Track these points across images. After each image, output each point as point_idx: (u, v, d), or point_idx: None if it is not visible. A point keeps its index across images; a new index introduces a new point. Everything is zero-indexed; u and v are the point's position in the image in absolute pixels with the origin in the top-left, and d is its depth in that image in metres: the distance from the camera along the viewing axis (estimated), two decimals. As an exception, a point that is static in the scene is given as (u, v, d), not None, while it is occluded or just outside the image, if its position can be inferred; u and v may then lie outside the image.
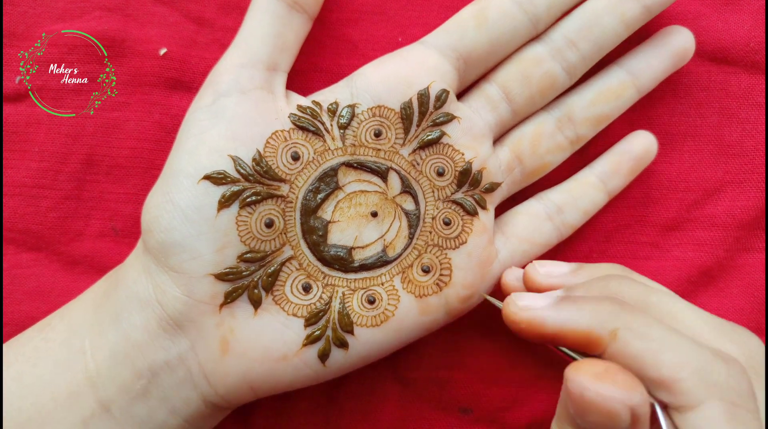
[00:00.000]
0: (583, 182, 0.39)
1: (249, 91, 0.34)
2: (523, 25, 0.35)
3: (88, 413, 0.32)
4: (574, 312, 0.29)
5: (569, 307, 0.29)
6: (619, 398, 0.24)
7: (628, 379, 0.25)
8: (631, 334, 0.27)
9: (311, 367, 0.34)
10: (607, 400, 0.24)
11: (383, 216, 0.35)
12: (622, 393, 0.24)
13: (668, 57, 0.38)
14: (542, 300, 0.30)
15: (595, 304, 0.28)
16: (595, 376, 0.25)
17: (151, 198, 0.33)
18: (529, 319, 0.30)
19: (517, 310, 0.30)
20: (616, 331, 0.27)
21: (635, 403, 0.24)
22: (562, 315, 0.29)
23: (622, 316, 0.27)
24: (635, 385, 0.25)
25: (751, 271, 0.41)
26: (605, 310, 0.28)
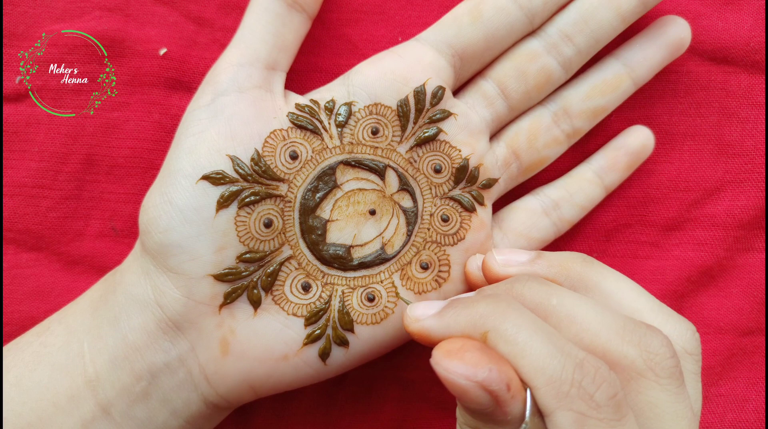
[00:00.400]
0: (579, 178, 0.39)
1: (247, 90, 0.34)
2: (519, 21, 0.35)
3: (89, 417, 0.32)
4: (452, 318, 0.28)
5: (449, 313, 0.29)
6: (463, 374, 0.24)
7: (476, 355, 0.25)
8: (497, 337, 0.26)
9: (312, 366, 0.34)
10: (452, 375, 0.25)
11: (381, 214, 0.35)
12: (466, 369, 0.24)
13: (664, 47, 0.38)
14: (431, 309, 0.30)
15: (472, 307, 0.28)
16: (447, 352, 0.25)
17: (149, 198, 0.33)
18: (419, 330, 0.29)
19: (409, 322, 0.30)
20: (486, 333, 0.27)
21: (481, 379, 0.24)
22: (443, 322, 0.29)
23: (492, 318, 0.27)
24: (484, 361, 0.25)
25: (751, 270, 0.41)
26: (479, 313, 0.27)
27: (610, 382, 0.25)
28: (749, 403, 0.41)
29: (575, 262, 0.32)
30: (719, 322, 0.41)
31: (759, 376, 0.41)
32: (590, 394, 0.25)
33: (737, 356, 0.41)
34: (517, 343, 0.26)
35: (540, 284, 0.29)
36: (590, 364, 0.25)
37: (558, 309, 0.28)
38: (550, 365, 0.25)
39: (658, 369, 0.27)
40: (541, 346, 0.26)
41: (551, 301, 0.28)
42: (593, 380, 0.25)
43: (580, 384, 0.25)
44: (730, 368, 0.41)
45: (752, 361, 0.41)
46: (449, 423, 0.40)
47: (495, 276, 0.33)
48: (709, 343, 0.41)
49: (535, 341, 0.26)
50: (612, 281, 0.31)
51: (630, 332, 0.27)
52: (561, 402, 0.25)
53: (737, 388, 0.41)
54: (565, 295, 0.29)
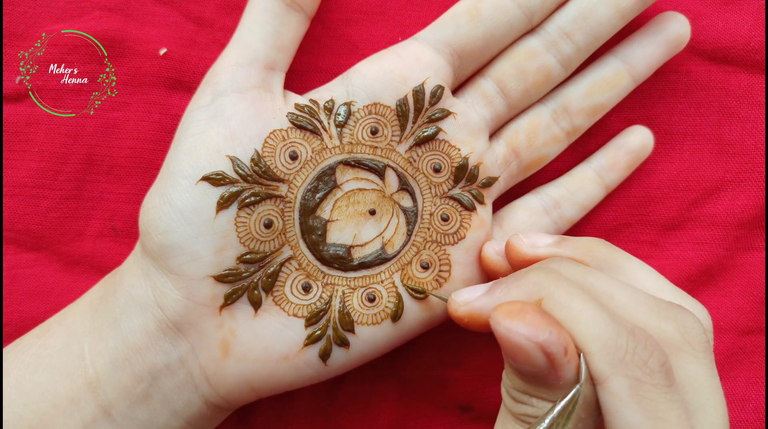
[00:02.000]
0: (580, 177, 0.39)
1: (246, 90, 0.34)
2: (518, 19, 0.35)
3: (90, 418, 0.32)
4: (503, 293, 0.29)
5: (499, 290, 0.29)
6: (525, 334, 0.25)
7: (537, 317, 0.25)
8: (552, 303, 0.27)
9: (312, 367, 0.34)
10: (513, 335, 0.25)
11: (381, 214, 0.35)
12: (527, 329, 0.25)
13: (664, 44, 0.38)
14: (477, 291, 0.30)
15: (522, 278, 0.29)
16: (507, 313, 0.26)
17: (149, 199, 0.33)
18: (470, 312, 0.30)
19: (457, 306, 0.31)
20: (540, 301, 0.27)
21: (542, 340, 0.25)
22: (494, 299, 0.29)
23: (545, 285, 0.27)
24: (544, 324, 0.25)
25: (751, 270, 0.41)
26: (530, 282, 0.28)
27: (660, 350, 0.26)
28: (749, 402, 0.41)
29: (600, 246, 0.32)
30: (719, 321, 0.41)
31: (759, 375, 0.41)
32: (644, 361, 0.25)
33: (737, 355, 0.41)
34: (572, 308, 0.26)
35: (575, 265, 0.30)
36: (641, 333, 0.26)
37: (596, 286, 0.28)
38: (605, 332, 0.25)
39: (695, 343, 0.27)
40: (596, 313, 0.26)
41: (588, 279, 0.29)
42: (645, 347, 0.25)
43: (634, 351, 0.25)
44: (729, 367, 0.41)
45: (752, 360, 0.41)
46: (449, 422, 0.40)
47: (522, 257, 0.33)
48: (709, 343, 0.41)
49: (590, 308, 0.26)
50: (635, 265, 0.31)
51: (665, 309, 0.28)
52: (616, 368, 0.25)
53: (737, 387, 0.41)
54: (600, 275, 0.29)
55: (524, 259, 0.33)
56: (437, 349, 0.41)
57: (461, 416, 0.40)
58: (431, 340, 0.40)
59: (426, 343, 0.40)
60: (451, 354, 0.41)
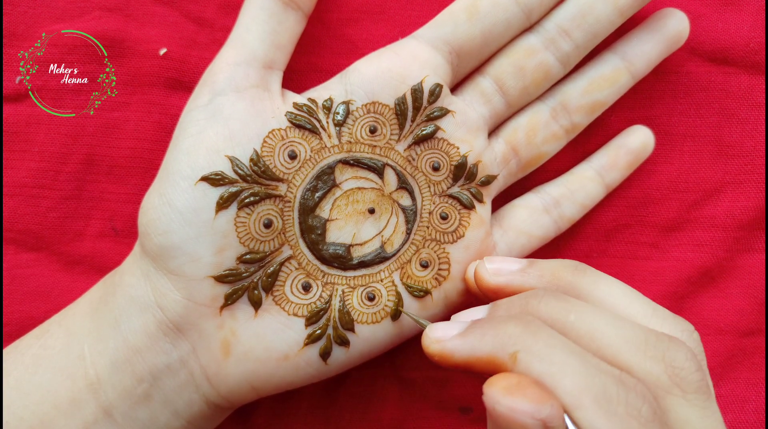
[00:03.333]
0: (580, 176, 0.39)
1: (245, 90, 0.33)
2: (516, 16, 0.35)
3: (91, 419, 0.32)
4: (477, 339, 0.28)
5: (474, 333, 0.28)
6: (529, 412, 0.23)
7: (538, 392, 0.24)
8: (530, 357, 0.26)
9: (313, 366, 0.34)
10: (517, 413, 0.24)
11: (380, 212, 0.35)
12: (531, 406, 0.23)
13: (663, 41, 0.38)
14: (452, 329, 0.29)
15: (498, 326, 0.27)
16: (506, 389, 0.24)
17: (148, 200, 0.33)
18: (441, 351, 0.29)
19: (429, 343, 0.30)
20: (516, 354, 0.26)
21: (545, 416, 0.23)
22: (467, 343, 0.28)
23: (522, 337, 0.26)
24: (546, 397, 0.24)
25: (751, 271, 0.41)
26: (506, 333, 0.27)
27: (650, 396, 0.25)
28: (749, 403, 0.41)
29: (566, 270, 0.31)
30: (719, 323, 0.41)
31: (759, 376, 0.41)
32: (638, 410, 0.24)
33: (737, 357, 0.41)
34: (553, 362, 0.25)
35: (557, 300, 0.29)
36: (629, 380, 0.25)
37: (576, 325, 0.27)
38: (594, 383, 0.24)
39: (685, 384, 0.26)
40: (579, 364, 0.25)
41: (569, 318, 0.28)
42: (636, 395, 0.24)
43: (626, 401, 0.24)
44: (730, 369, 0.41)
45: (752, 361, 0.41)
46: (449, 423, 0.40)
47: (486, 285, 0.33)
48: (709, 344, 0.40)
49: (573, 360, 0.25)
50: (604, 287, 0.30)
51: (652, 347, 0.26)
52: (611, 420, 0.24)
53: (737, 388, 0.41)
54: (583, 310, 0.28)
55: (488, 288, 0.33)
56: (437, 350, 0.40)
57: (461, 417, 0.40)
58: (431, 341, 0.40)
59: (426, 343, 0.40)
60: (451, 354, 0.40)
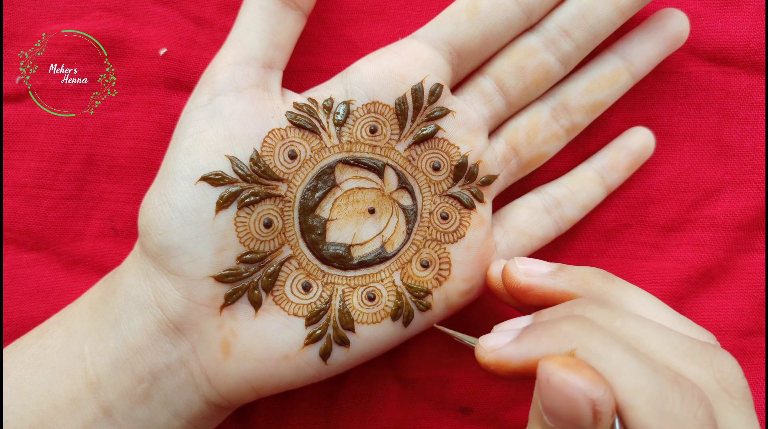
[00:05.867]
0: (581, 177, 0.39)
1: (245, 89, 0.33)
2: (516, 16, 0.35)
3: (90, 419, 0.32)
4: (533, 342, 0.28)
5: (528, 338, 0.28)
6: (582, 388, 0.23)
7: (594, 374, 0.24)
8: (587, 354, 0.26)
9: (313, 366, 0.34)
10: (569, 387, 0.24)
11: (381, 212, 0.35)
12: (585, 383, 0.24)
13: (663, 41, 0.38)
14: (505, 337, 0.29)
15: (552, 327, 0.27)
16: (563, 364, 0.24)
17: (148, 200, 0.33)
18: (497, 360, 0.29)
19: (484, 353, 0.29)
20: (573, 351, 0.26)
21: (597, 397, 0.23)
22: (523, 348, 0.28)
23: (578, 335, 0.26)
24: (601, 382, 0.24)
25: (751, 271, 0.41)
26: (562, 333, 0.27)
27: (706, 399, 0.24)
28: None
29: (596, 277, 0.31)
30: (719, 323, 0.41)
31: (759, 376, 0.41)
32: (693, 413, 0.24)
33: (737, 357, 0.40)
34: (610, 360, 0.25)
35: (601, 307, 0.29)
36: (685, 382, 0.25)
37: (623, 330, 0.27)
38: (650, 383, 0.24)
39: (732, 390, 0.26)
40: (637, 364, 0.25)
41: (615, 324, 0.28)
42: (693, 398, 0.24)
43: (681, 403, 0.24)
44: (730, 369, 0.41)
45: (752, 362, 0.41)
46: (449, 423, 0.40)
47: (515, 284, 0.33)
48: (709, 344, 0.41)
49: (630, 359, 0.25)
50: (633, 296, 0.30)
51: (699, 353, 0.26)
52: (665, 422, 0.24)
53: (737, 388, 0.41)
54: (628, 317, 0.28)
55: (518, 288, 0.33)
56: (437, 350, 0.40)
57: (461, 417, 0.40)
58: (431, 341, 0.40)
59: (426, 343, 0.40)
60: (452, 355, 0.41)
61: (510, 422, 0.40)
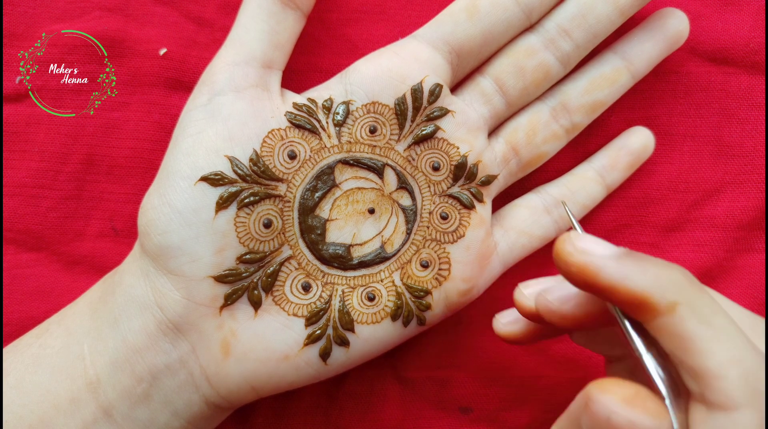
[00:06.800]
0: (581, 176, 0.39)
1: (244, 90, 0.33)
2: (516, 16, 0.35)
3: (90, 419, 0.32)
4: (635, 270, 0.25)
5: (632, 263, 0.26)
6: (650, 426, 0.23)
7: (658, 407, 0.23)
8: (690, 313, 0.24)
9: (313, 366, 0.34)
10: (636, 427, 0.23)
11: (380, 212, 0.35)
12: (653, 422, 0.23)
13: (662, 40, 0.38)
14: (604, 248, 0.26)
15: (662, 268, 0.25)
16: (625, 400, 0.23)
17: (148, 200, 0.33)
18: (585, 263, 0.26)
19: (573, 250, 0.26)
20: (676, 304, 0.24)
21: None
22: (622, 269, 0.25)
23: (687, 290, 0.25)
24: (664, 413, 0.23)
25: (751, 271, 0.41)
26: (670, 279, 0.25)
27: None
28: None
29: None
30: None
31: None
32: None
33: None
34: (713, 325, 0.24)
35: None
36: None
37: None
38: (747, 357, 0.23)
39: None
40: (736, 335, 0.24)
41: None
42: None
43: None
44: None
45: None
46: (449, 423, 0.40)
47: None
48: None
49: (731, 329, 0.24)
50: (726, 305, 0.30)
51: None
52: (752, 399, 0.23)
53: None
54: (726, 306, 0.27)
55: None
56: (437, 350, 0.40)
57: (461, 417, 0.40)
58: (431, 341, 0.40)
59: (426, 343, 0.40)
60: (452, 354, 0.41)
61: (510, 422, 0.40)
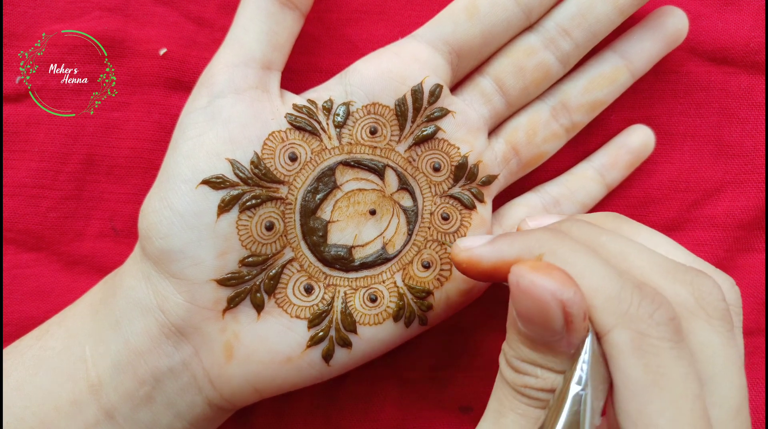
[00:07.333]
0: (580, 175, 0.39)
1: (244, 91, 0.33)
2: (516, 16, 0.35)
3: (92, 421, 0.32)
4: (505, 245, 0.28)
5: (502, 241, 0.29)
6: (551, 289, 0.24)
7: (564, 276, 0.25)
8: (554, 259, 0.26)
9: (315, 368, 0.34)
10: (538, 288, 0.24)
11: (382, 213, 0.35)
12: (554, 284, 0.24)
13: (662, 39, 0.38)
14: (481, 240, 0.30)
15: (527, 234, 0.28)
16: (533, 267, 0.25)
17: (148, 203, 0.33)
18: (469, 257, 0.29)
19: (458, 251, 0.30)
20: (541, 256, 0.27)
21: (566, 298, 0.24)
22: (495, 249, 0.29)
23: (548, 242, 0.27)
24: (570, 283, 0.24)
25: (751, 271, 0.41)
26: (534, 238, 0.28)
27: (668, 306, 0.25)
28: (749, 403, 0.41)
29: (607, 219, 0.31)
30: (719, 322, 0.41)
31: (759, 376, 0.41)
32: (649, 314, 0.24)
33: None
34: (576, 264, 0.26)
35: (588, 225, 0.29)
36: (648, 289, 0.25)
37: (607, 245, 0.28)
38: (609, 285, 0.25)
39: (710, 309, 0.26)
40: (600, 268, 0.25)
41: (600, 239, 0.28)
42: (652, 301, 0.25)
43: (639, 303, 0.24)
44: (729, 368, 0.41)
45: (752, 361, 0.41)
46: (449, 423, 0.40)
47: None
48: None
49: (594, 264, 0.26)
50: (646, 236, 0.30)
51: (682, 273, 0.27)
52: (619, 319, 0.24)
53: (736, 387, 0.41)
54: (614, 236, 0.28)
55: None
56: (437, 349, 0.41)
57: (461, 417, 0.40)
58: (431, 340, 0.40)
59: (426, 343, 0.40)
60: (451, 354, 0.41)
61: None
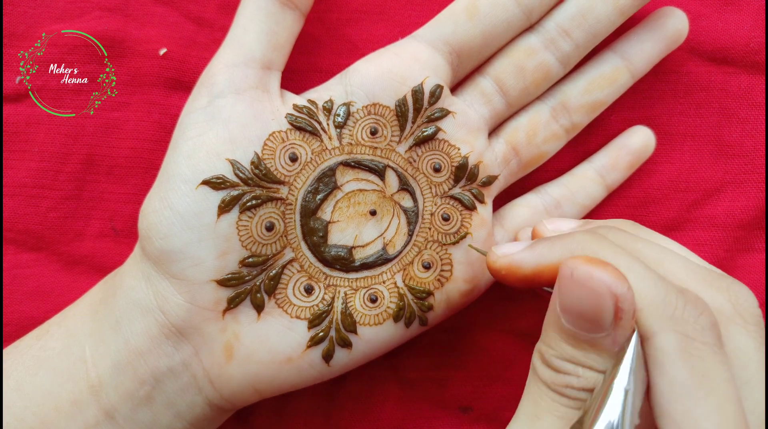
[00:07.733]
0: (581, 176, 0.39)
1: (244, 91, 0.33)
2: (516, 17, 0.35)
3: (92, 421, 0.32)
4: (545, 249, 0.29)
5: (542, 246, 0.29)
6: (607, 281, 0.24)
7: (618, 272, 0.25)
8: None
9: (315, 368, 0.34)
10: (594, 280, 0.24)
11: (382, 214, 0.35)
12: (610, 278, 0.24)
13: (662, 40, 0.38)
14: (519, 246, 0.30)
15: (567, 238, 0.28)
16: (587, 260, 0.25)
17: (148, 203, 0.33)
18: (508, 264, 0.29)
19: (496, 258, 0.30)
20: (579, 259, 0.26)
21: (620, 292, 0.24)
22: (535, 254, 0.29)
23: (590, 245, 0.27)
24: (624, 279, 0.24)
25: (751, 271, 0.41)
26: (575, 241, 0.28)
27: (710, 311, 0.25)
28: (748, 403, 0.41)
29: (625, 225, 0.32)
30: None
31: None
32: (694, 318, 0.24)
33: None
34: (619, 267, 0.25)
35: (623, 233, 0.29)
36: (690, 294, 0.25)
37: (644, 252, 0.28)
38: (654, 288, 0.25)
39: (747, 315, 0.26)
40: (643, 272, 0.26)
41: (637, 245, 0.28)
42: (695, 306, 0.25)
43: (684, 307, 0.25)
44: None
45: (751, 361, 0.41)
46: (449, 423, 0.40)
47: None
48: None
49: (637, 267, 0.26)
50: (661, 242, 0.31)
51: (717, 280, 0.27)
52: (665, 323, 0.24)
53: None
54: (649, 243, 0.29)
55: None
56: (437, 349, 0.41)
57: (461, 417, 0.40)
58: (431, 340, 0.40)
59: (426, 343, 0.40)
60: (451, 354, 0.41)
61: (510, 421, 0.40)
